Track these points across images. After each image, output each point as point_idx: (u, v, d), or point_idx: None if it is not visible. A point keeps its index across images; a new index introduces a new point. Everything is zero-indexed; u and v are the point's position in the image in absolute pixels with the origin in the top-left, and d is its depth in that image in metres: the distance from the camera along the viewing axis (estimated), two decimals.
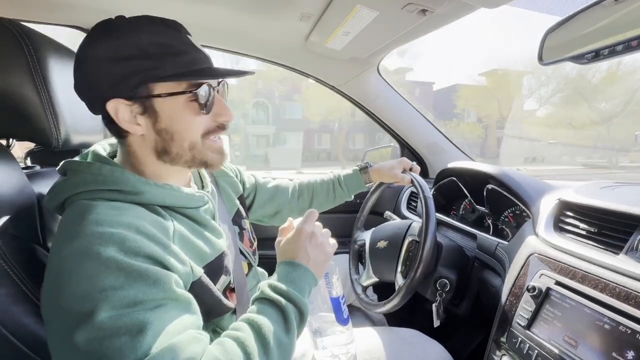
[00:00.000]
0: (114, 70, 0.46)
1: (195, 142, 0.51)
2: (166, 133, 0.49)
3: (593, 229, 0.61)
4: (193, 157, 0.51)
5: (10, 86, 0.55)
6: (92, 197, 0.45)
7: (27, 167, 0.76)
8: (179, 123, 0.49)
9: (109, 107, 0.47)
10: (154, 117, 0.48)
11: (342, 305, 0.62)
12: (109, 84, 0.46)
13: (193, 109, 0.49)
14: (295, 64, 1.24)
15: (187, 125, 0.49)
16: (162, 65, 0.46)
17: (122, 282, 0.37)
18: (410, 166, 0.93)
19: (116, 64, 0.45)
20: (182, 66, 0.47)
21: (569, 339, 0.51)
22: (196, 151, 0.51)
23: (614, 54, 0.51)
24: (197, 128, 0.50)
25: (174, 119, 0.49)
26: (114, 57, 0.45)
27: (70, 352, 0.36)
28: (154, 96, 0.47)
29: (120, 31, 0.46)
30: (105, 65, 0.46)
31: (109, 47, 0.45)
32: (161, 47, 0.46)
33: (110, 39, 0.46)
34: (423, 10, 0.75)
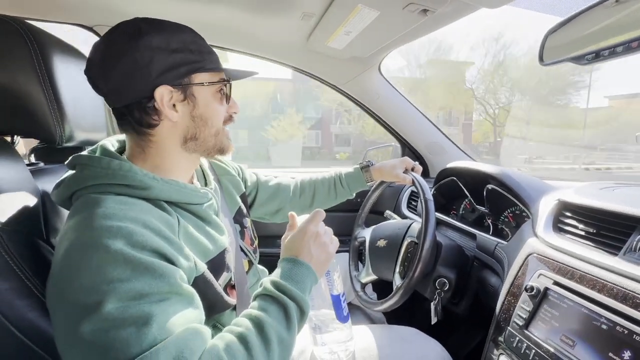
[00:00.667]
0: (167, 60, 0.49)
1: (219, 128, 0.57)
2: (200, 119, 0.54)
3: (592, 230, 0.61)
4: (215, 143, 0.57)
5: (15, 83, 0.55)
6: (100, 191, 0.46)
7: (31, 163, 0.77)
8: (211, 110, 0.55)
9: (157, 92, 0.49)
10: (193, 103, 0.53)
11: (342, 302, 0.63)
12: (159, 72, 0.49)
13: (219, 99, 0.56)
14: (297, 63, 1.24)
15: (216, 112, 0.56)
16: (203, 60, 0.53)
17: (129, 275, 0.38)
18: (412, 166, 0.93)
19: (169, 55, 0.49)
20: (215, 63, 0.55)
21: (566, 338, 0.52)
22: (218, 137, 0.57)
23: (614, 55, 0.51)
24: (221, 116, 0.57)
25: (208, 106, 0.55)
26: (166, 49, 0.49)
27: (76, 343, 0.37)
28: (196, 84, 0.53)
29: (166, 27, 0.51)
30: (159, 54, 0.49)
31: (162, 39, 0.49)
32: (199, 46, 0.53)
33: (162, 33, 0.50)
34: (424, 10, 0.75)
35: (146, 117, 0.51)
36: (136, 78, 0.49)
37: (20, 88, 0.56)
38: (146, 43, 0.48)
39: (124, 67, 0.48)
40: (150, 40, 0.48)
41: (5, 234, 0.48)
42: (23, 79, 0.56)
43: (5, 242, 0.48)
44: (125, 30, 0.49)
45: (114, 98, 0.51)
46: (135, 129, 0.52)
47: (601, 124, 11.20)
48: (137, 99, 0.50)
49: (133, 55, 0.48)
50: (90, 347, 0.36)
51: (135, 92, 0.50)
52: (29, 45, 0.55)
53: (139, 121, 0.51)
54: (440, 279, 0.80)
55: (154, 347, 0.36)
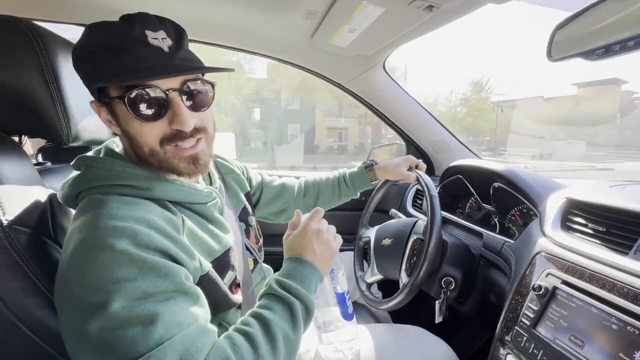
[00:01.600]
0: (80, 74, 0.48)
1: (153, 149, 0.48)
2: (128, 136, 0.48)
3: (601, 228, 0.60)
4: (159, 162, 0.49)
5: (23, 84, 0.56)
6: (105, 192, 0.46)
7: (39, 163, 0.78)
8: (130, 127, 0.47)
9: (93, 108, 0.49)
10: (116, 119, 0.48)
11: (347, 300, 0.63)
12: (87, 84, 0.48)
13: (144, 114, 0.45)
14: (301, 62, 1.23)
15: (136, 130, 0.47)
16: (101, 66, 0.44)
17: (135, 274, 0.38)
18: (416, 164, 0.92)
19: (79, 68, 0.48)
20: (116, 67, 0.44)
21: (575, 338, 0.51)
22: (158, 158, 0.48)
23: (625, 50, 0.50)
24: (148, 134, 0.47)
25: (127, 123, 0.47)
26: (77, 61, 0.48)
27: (83, 341, 0.37)
28: (111, 98, 0.46)
29: (84, 33, 0.46)
30: (77, 70, 0.48)
31: (75, 50, 0.47)
32: (105, 47, 0.44)
33: (78, 43, 0.47)
34: (430, 7, 0.74)
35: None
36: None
37: (27, 89, 0.56)
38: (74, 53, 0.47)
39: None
40: (76, 50, 0.47)
41: (14, 233, 0.48)
42: (30, 80, 0.56)
43: (14, 241, 0.48)
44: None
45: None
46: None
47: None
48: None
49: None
50: (97, 346, 0.36)
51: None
52: (36, 46, 0.56)
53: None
54: (446, 278, 0.79)
55: (160, 346, 0.36)
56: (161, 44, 0.46)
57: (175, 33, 0.48)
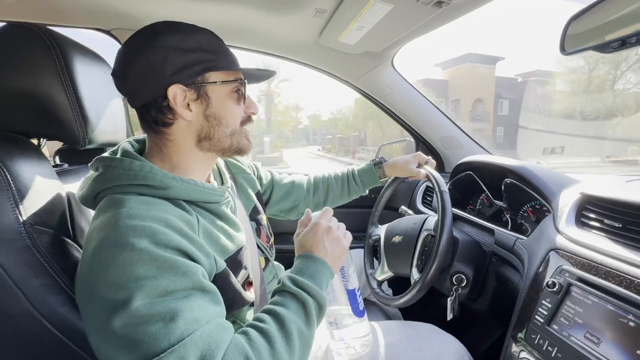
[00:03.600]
0: (180, 59, 0.50)
1: (235, 129, 0.57)
2: (214, 118, 0.54)
3: (617, 224, 0.59)
4: (231, 143, 0.57)
5: (41, 89, 0.57)
6: (123, 192, 0.48)
7: (57, 165, 0.80)
8: (225, 110, 0.55)
9: (170, 91, 0.50)
10: (206, 102, 0.53)
11: (357, 297, 0.63)
12: (173, 71, 0.50)
13: (235, 99, 0.56)
14: (309, 60, 1.24)
15: (231, 112, 0.56)
16: (218, 59, 0.53)
17: (155, 272, 0.39)
18: (425, 160, 0.92)
19: (182, 54, 0.50)
20: (230, 62, 0.55)
21: (590, 336, 0.50)
22: (235, 137, 0.57)
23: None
24: (238, 116, 0.57)
25: (222, 105, 0.55)
26: (181, 48, 0.50)
27: (107, 337, 0.38)
28: (209, 83, 0.53)
29: (183, 28, 0.52)
30: (173, 54, 0.50)
31: (177, 39, 0.50)
32: (215, 46, 0.54)
33: (177, 33, 0.51)
34: (439, 2, 0.73)
35: (161, 116, 0.52)
36: (150, 77, 0.50)
37: (45, 93, 0.58)
38: (160, 43, 0.49)
39: (139, 67, 0.50)
40: (164, 40, 0.50)
41: (36, 233, 0.50)
42: (47, 84, 0.58)
43: (37, 241, 0.50)
44: (143, 33, 0.51)
45: (133, 98, 0.53)
46: (153, 128, 0.53)
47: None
48: (152, 98, 0.51)
49: (147, 55, 0.50)
50: (121, 342, 0.37)
51: (151, 91, 0.51)
52: (52, 51, 0.57)
53: (155, 120, 0.52)
54: (458, 275, 0.79)
55: (181, 341, 0.37)
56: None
57: None
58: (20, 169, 0.53)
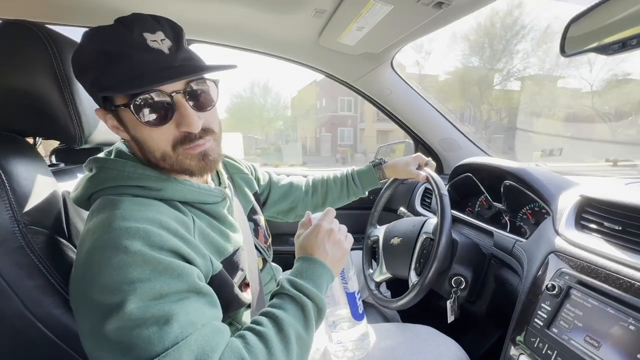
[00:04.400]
0: (83, 82, 0.48)
1: (165, 152, 0.48)
2: (137, 142, 0.48)
3: (617, 227, 0.59)
4: (171, 165, 0.49)
5: (37, 87, 0.57)
6: (117, 193, 0.47)
7: (52, 164, 0.79)
8: (140, 133, 0.47)
9: (99, 114, 0.49)
10: (124, 126, 0.48)
11: (357, 300, 0.63)
12: (91, 94, 0.48)
13: (148, 121, 0.45)
14: (308, 61, 1.23)
15: (146, 136, 0.47)
16: (104, 75, 0.44)
17: (149, 275, 0.39)
18: (425, 162, 0.92)
19: (80, 76, 0.48)
20: (119, 75, 0.43)
21: (590, 339, 0.50)
22: (170, 161, 0.48)
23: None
24: (159, 139, 0.47)
25: (136, 129, 0.47)
26: (77, 70, 0.47)
27: (101, 341, 0.38)
28: (116, 106, 0.46)
29: (82, 40, 0.46)
30: (78, 76, 0.48)
31: (74, 58, 0.47)
32: (106, 55, 0.44)
33: (77, 50, 0.46)
34: (439, 3, 0.73)
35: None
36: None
37: (41, 91, 0.57)
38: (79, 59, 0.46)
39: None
40: (76, 59, 0.46)
41: (31, 234, 0.50)
42: (44, 83, 0.57)
43: (31, 242, 0.49)
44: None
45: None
46: None
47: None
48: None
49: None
50: (115, 345, 0.37)
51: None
52: (49, 49, 0.57)
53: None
54: (457, 277, 0.78)
55: (176, 345, 0.37)
56: (161, 46, 0.45)
57: (173, 33, 0.47)
58: (16, 168, 0.52)
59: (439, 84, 17.88)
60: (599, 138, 12.02)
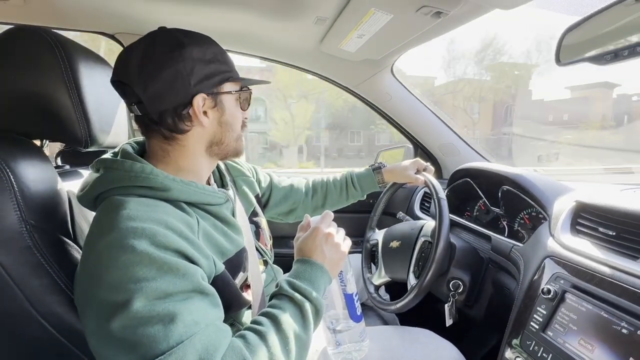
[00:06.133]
0: (204, 70, 0.53)
1: (240, 133, 0.61)
2: (226, 125, 0.58)
3: (612, 232, 0.60)
4: (235, 147, 0.61)
5: (45, 90, 0.58)
6: (123, 193, 0.48)
7: (58, 166, 0.81)
8: (234, 116, 0.59)
9: (195, 100, 0.52)
10: (222, 110, 0.56)
11: (355, 302, 0.64)
12: (197, 81, 0.52)
13: (240, 106, 0.60)
14: (310, 66, 1.25)
15: (237, 119, 0.60)
16: (232, 70, 0.57)
17: (154, 274, 0.40)
18: (424, 167, 0.93)
19: (205, 65, 0.53)
20: (237, 73, 0.59)
21: (584, 342, 0.51)
22: (238, 142, 0.61)
23: (634, 55, 0.50)
24: (240, 122, 0.61)
25: (233, 113, 0.58)
26: (203, 59, 0.53)
27: (106, 339, 0.39)
28: (225, 92, 0.56)
29: (203, 40, 0.55)
30: (198, 65, 0.52)
31: (200, 50, 0.53)
32: (224, 56, 0.57)
33: (199, 45, 0.53)
34: (437, 13, 0.75)
35: (180, 124, 0.53)
36: (177, 86, 0.51)
37: (49, 94, 0.58)
38: (188, 54, 0.51)
39: (166, 76, 0.50)
40: (191, 51, 0.52)
41: (37, 234, 0.51)
42: (52, 86, 0.58)
43: (38, 241, 0.50)
44: (165, 42, 0.52)
45: (150, 105, 0.52)
46: (164, 134, 0.54)
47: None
48: (174, 105, 0.52)
49: (176, 66, 0.51)
50: (120, 343, 0.38)
51: (175, 99, 0.52)
52: (57, 53, 0.58)
53: (171, 127, 0.53)
54: (455, 281, 0.79)
55: (180, 344, 0.37)
56: None
57: None
58: (23, 169, 0.53)
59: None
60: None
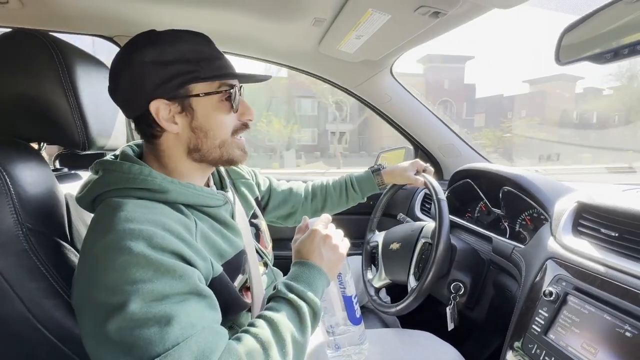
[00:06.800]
0: (159, 73, 0.50)
1: (225, 139, 0.55)
2: (200, 131, 0.53)
3: (614, 233, 0.59)
4: (221, 154, 0.55)
5: (42, 93, 0.58)
6: (122, 195, 0.48)
7: (56, 169, 0.80)
8: (212, 121, 0.53)
9: (152, 106, 0.50)
10: (191, 115, 0.52)
11: (354, 304, 0.63)
12: (153, 86, 0.50)
13: (224, 108, 0.54)
14: (309, 68, 1.25)
15: (219, 123, 0.54)
16: (199, 69, 0.51)
17: (151, 276, 0.40)
18: (423, 168, 0.92)
19: (161, 68, 0.50)
20: (215, 69, 0.52)
21: (587, 345, 0.50)
22: (225, 148, 0.55)
23: (634, 53, 0.49)
24: (228, 126, 0.55)
25: (208, 117, 0.53)
26: (159, 62, 0.50)
27: (102, 341, 0.38)
28: (192, 96, 0.51)
29: (163, 40, 0.51)
30: (151, 69, 0.50)
31: (155, 52, 0.50)
32: (197, 54, 0.51)
33: (156, 46, 0.50)
34: (435, 13, 0.75)
35: (148, 129, 0.53)
36: (133, 92, 0.51)
37: (46, 97, 0.58)
38: (139, 58, 0.49)
39: (123, 82, 0.51)
40: (143, 55, 0.49)
41: (34, 237, 0.50)
42: (49, 89, 0.58)
43: (34, 245, 0.50)
44: (125, 47, 0.52)
45: (124, 110, 0.54)
46: (145, 138, 0.55)
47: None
48: (138, 112, 0.52)
49: (128, 71, 0.50)
50: (116, 345, 0.37)
51: (135, 105, 0.52)
52: (54, 56, 0.58)
53: (144, 132, 0.53)
54: (455, 283, 0.78)
55: (176, 346, 0.37)
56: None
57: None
58: (20, 172, 0.53)
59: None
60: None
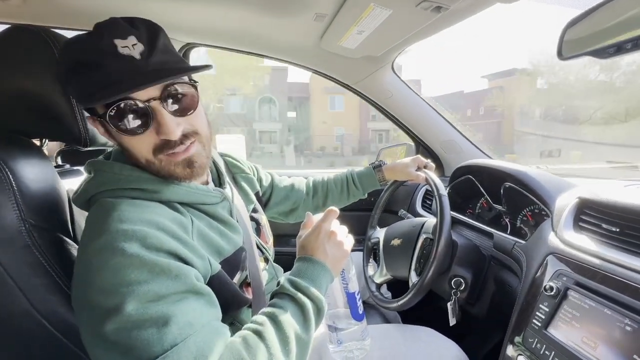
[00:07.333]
0: (69, 94, 0.49)
1: (148, 159, 0.48)
2: (124, 148, 0.49)
3: (615, 229, 0.59)
4: (157, 171, 0.49)
5: (43, 89, 0.58)
6: (115, 196, 0.48)
7: (58, 165, 0.81)
8: (122, 141, 0.48)
9: (90, 123, 0.50)
10: (109, 134, 0.49)
11: (357, 300, 0.63)
12: (73, 94, 0.49)
13: (125, 130, 0.45)
14: (310, 63, 1.25)
15: (129, 144, 0.47)
16: (80, 86, 0.44)
17: (146, 277, 0.39)
18: (424, 164, 0.92)
19: (66, 88, 0.49)
20: (93, 85, 0.43)
21: (587, 340, 0.50)
22: (156, 167, 0.49)
23: (637, 48, 0.49)
24: (140, 147, 0.47)
25: (118, 137, 0.47)
26: (62, 82, 0.49)
27: (100, 342, 0.38)
28: (99, 116, 0.46)
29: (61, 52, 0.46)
30: (65, 90, 0.49)
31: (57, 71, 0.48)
32: (81, 66, 0.44)
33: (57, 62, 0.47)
34: (438, 7, 0.74)
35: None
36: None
37: (47, 94, 0.58)
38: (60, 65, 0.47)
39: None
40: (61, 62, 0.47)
41: (37, 233, 0.51)
42: (50, 85, 0.58)
43: (37, 241, 0.50)
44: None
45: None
46: None
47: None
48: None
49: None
50: (114, 347, 0.37)
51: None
52: (55, 52, 0.58)
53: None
54: (456, 279, 0.79)
55: (175, 347, 0.37)
56: (132, 51, 0.43)
57: (148, 35, 0.45)
58: (22, 169, 0.53)
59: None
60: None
